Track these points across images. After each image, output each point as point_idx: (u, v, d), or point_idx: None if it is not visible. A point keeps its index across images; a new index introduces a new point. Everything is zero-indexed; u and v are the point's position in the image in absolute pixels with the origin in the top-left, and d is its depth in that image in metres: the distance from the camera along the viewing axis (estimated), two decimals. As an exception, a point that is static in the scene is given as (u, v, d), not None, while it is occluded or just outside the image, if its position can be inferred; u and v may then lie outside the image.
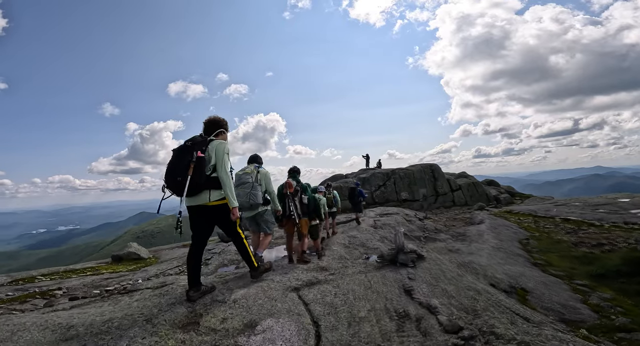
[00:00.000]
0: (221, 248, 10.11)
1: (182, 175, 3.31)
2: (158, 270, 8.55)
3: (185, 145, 3.50)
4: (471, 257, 7.00)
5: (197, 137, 3.63)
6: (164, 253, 12.81)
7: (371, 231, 10.07)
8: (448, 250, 7.92)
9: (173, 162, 3.47)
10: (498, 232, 10.43)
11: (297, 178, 5.64)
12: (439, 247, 8.28)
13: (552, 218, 14.66)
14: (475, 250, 7.69)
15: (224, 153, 3.58)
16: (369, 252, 8.15)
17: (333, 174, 28.77)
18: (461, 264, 5.00)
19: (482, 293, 3.94)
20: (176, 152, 3.55)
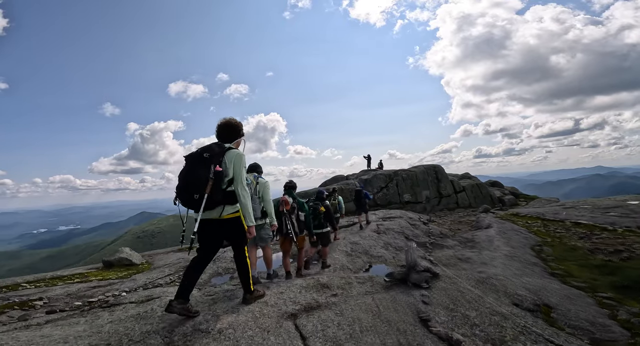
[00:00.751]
0: (217, 255, 9.58)
1: (199, 192, 3.04)
2: (148, 279, 8.02)
3: (202, 157, 3.17)
4: (484, 267, 6.45)
5: (214, 147, 3.29)
6: (158, 258, 12.28)
7: (374, 237, 9.54)
8: (458, 259, 7.37)
9: (188, 175, 3.15)
10: (508, 238, 9.88)
11: (293, 195, 5.51)
12: (447, 255, 7.73)
13: (562, 222, 14.11)
14: (488, 259, 7.14)
15: (242, 167, 3.33)
16: (372, 260, 7.61)
17: (334, 175, 28.22)
18: (479, 281, 4.45)
19: (508, 317, 3.41)
20: (190, 162, 3.23)
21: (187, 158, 3.29)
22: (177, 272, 8.58)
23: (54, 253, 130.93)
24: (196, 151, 3.30)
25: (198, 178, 3.05)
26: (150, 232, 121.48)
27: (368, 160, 29.84)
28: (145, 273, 9.18)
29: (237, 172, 3.27)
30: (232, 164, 3.26)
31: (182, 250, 14.10)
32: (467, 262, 7.07)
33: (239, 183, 3.27)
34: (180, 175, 3.22)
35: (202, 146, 3.36)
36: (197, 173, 3.07)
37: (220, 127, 3.51)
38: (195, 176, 3.07)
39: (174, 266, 9.47)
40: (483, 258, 7.21)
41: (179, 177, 3.23)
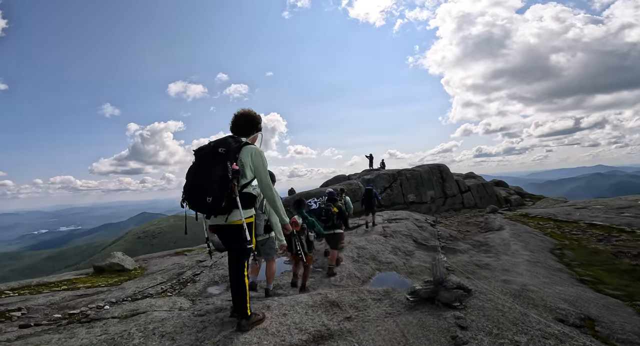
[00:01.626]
0: (214, 261, 8.97)
1: (213, 194, 2.56)
2: (138, 288, 7.41)
3: (217, 152, 2.69)
4: (508, 275, 5.85)
5: (230, 141, 2.83)
6: (152, 262, 11.67)
7: (381, 241, 8.92)
8: (476, 266, 6.76)
9: (199, 173, 2.67)
10: (524, 241, 9.27)
11: (304, 214, 5.40)
12: (462, 261, 7.12)
13: (576, 223, 13.51)
14: (510, 265, 6.53)
15: (265, 166, 2.90)
16: (381, 267, 7.00)
17: (334, 174, 27.62)
18: (515, 295, 3.83)
19: (563, 340, 2.80)
20: (202, 158, 2.75)
21: (197, 153, 2.81)
22: (170, 280, 7.97)
23: (54, 254, 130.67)
24: (208, 145, 2.83)
25: (211, 178, 2.58)
26: (150, 232, 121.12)
27: (370, 159, 29.20)
28: (137, 281, 8.57)
29: (260, 170, 2.85)
30: (250, 161, 2.83)
31: (179, 253, 13.51)
32: (487, 269, 6.47)
33: (266, 183, 2.86)
34: (189, 173, 2.74)
35: (214, 140, 2.90)
36: (211, 172, 2.60)
37: (236, 118, 3.06)
38: (208, 175, 2.60)
39: (167, 272, 8.86)
40: (504, 265, 6.61)
41: (187, 175, 2.76)
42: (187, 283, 7.53)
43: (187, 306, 5.62)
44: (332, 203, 6.63)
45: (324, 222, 6.34)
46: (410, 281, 6.19)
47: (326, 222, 6.36)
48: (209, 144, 2.83)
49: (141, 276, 9.46)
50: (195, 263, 9.35)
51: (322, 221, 6.34)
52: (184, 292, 6.89)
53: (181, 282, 7.63)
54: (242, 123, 3.05)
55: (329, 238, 6.51)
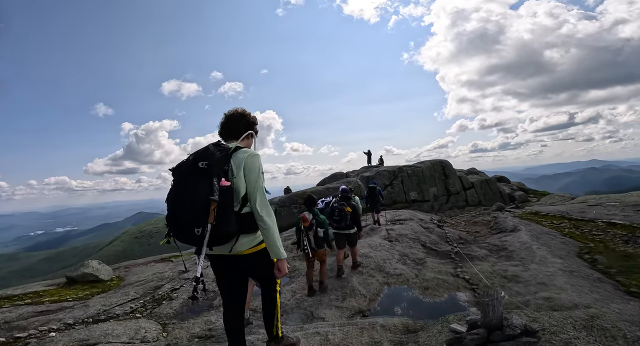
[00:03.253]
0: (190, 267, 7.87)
1: (201, 225, 2.00)
2: (104, 305, 6.35)
3: (197, 167, 2.10)
4: (547, 290, 4.84)
5: (211, 150, 2.20)
6: (134, 271, 10.58)
7: (386, 246, 7.87)
8: (502, 277, 5.73)
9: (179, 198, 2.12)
10: (546, 244, 8.24)
11: (314, 211, 5.37)
12: (485, 271, 6.08)
13: (594, 222, 12.51)
14: (544, 276, 5.51)
15: (260, 174, 2.27)
16: (390, 280, 5.94)
17: (331, 171, 26.58)
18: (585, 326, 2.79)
19: None
20: (181, 177, 2.17)
21: (174, 172, 2.22)
22: (143, 296, 6.90)
23: (51, 255, 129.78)
24: (187, 159, 2.22)
25: (196, 203, 2.01)
26: (148, 232, 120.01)
27: (368, 156, 28.18)
28: (107, 295, 7.49)
29: (252, 181, 2.22)
30: (241, 171, 2.21)
31: (165, 259, 12.43)
32: (518, 282, 5.44)
33: (258, 198, 2.21)
34: (169, 198, 2.16)
35: (195, 151, 2.27)
36: (194, 195, 2.03)
37: (226, 118, 2.50)
38: (191, 200, 2.03)
39: (145, 285, 7.78)
40: (536, 276, 5.58)
41: (167, 201, 2.16)
42: (163, 300, 6.46)
43: (153, 335, 4.56)
44: (345, 201, 6.31)
45: (336, 222, 6.11)
46: (428, 299, 5.16)
47: (339, 222, 6.10)
48: (187, 159, 2.22)
49: (115, 289, 8.39)
50: (177, 274, 8.27)
51: (335, 221, 6.12)
52: (157, 313, 5.83)
53: (156, 299, 6.56)
54: (232, 124, 2.47)
55: (340, 239, 6.25)
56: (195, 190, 2.02)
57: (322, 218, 5.36)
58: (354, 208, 6.30)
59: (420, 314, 4.37)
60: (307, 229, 5.21)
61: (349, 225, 6.14)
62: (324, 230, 5.27)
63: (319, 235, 5.23)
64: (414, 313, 4.48)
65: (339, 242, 6.25)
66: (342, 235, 6.24)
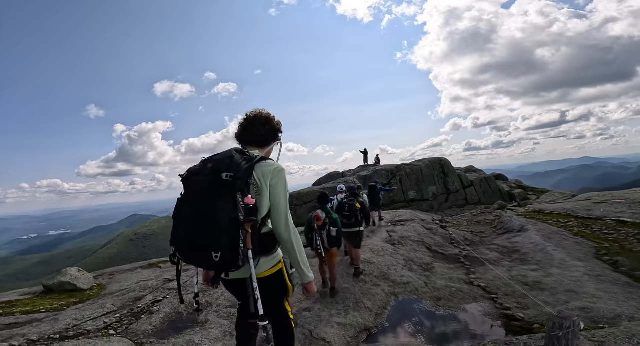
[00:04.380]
0: (183, 281, 7.18)
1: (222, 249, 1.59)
2: (75, 319, 5.66)
3: (220, 179, 1.65)
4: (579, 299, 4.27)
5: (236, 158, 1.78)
6: (117, 278, 9.84)
7: (389, 250, 7.24)
8: (523, 284, 5.12)
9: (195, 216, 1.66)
10: (561, 245, 7.68)
11: (327, 209, 5.22)
12: (501, 278, 5.47)
13: (602, 221, 12.01)
14: (570, 282, 4.94)
15: (286, 193, 1.91)
16: (397, 290, 5.31)
17: (327, 171, 25.92)
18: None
19: None
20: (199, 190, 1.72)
21: (188, 181, 1.81)
22: (122, 308, 6.19)
23: (45, 259, 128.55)
24: (204, 165, 1.81)
25: (216, 224, 1.61)
26: (142, 234, 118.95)
27: (365, 155, 27.57)
28: (83, 306, 6.78)
29: (278, 201, 1.89)
30: (268, 186, 1.85)
31: (153, 265, 11.71)
32: (542, 290, 4.84)
33: (284, 220, 1.89)
34: (180, 215, 1.77)
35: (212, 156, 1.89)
36: (215, 214, 1.63)
37: (249, 121, 2.10)
38: (210, 219, 1.63)
39: (125, 295, 7.07)
40: (562, 282, 4.99)
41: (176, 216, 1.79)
42: (142, 314, 5.77)
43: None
44: (354, 198, 6.24)
45: (346, 218, 5.97)
46: (442, 312, 4.53)
47: (349, 218, 5.97)
48: (204, 165, 1.82)
49: (94, 299, 7.66)
50: (162, 283, 7.56)
51: (345, 217, 5.97)
52: (133, 329, 5.14)
53: (134, 313, 5.86)
54: (255, 129, 2.07)
55: (351, 236, 6.09)
56: (217, 207, 1.65)
57: (335, 216, 5.23)
58: (363, 204, 6.22)
59: (438, 332, 3.74)
60: (320, 228, 5.05)
61: (359, 221, 6.05)
62: (337, 229, 5.12)
63: (331, 234, 5.10)
64: (429, 332, 3.85)
65: (352, 240, 6.14)
66: (352, 233, 6.09)
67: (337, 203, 6.43)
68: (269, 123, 2.11)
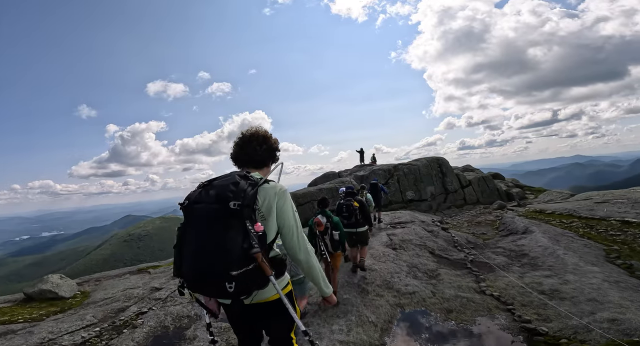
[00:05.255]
0: (171, 290, 6.68)
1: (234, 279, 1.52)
2: (51, 333, 5.19)
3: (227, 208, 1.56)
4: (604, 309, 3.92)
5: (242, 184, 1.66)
6: (103, 285, 9.32)
7: (391, 255, 6.82)
8: (539, 292, 4.71)
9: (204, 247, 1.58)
10: (570, 248, 7.31)
11: (328, 213, 5.14)
12: (515, 286, 5.06)
13: (606, 221, 11.69)
14: (591, 290, 4.55)
15: (295, 213, 1.85)
16: (402, 300, 4.87)
17: (322, 171, 25.50)
18: None
19: None
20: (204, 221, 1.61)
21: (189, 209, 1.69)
22: (103, 320, 5.70)
23: (38, 260, 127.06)
24: (206, 191, 1.67)
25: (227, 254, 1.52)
26: (137, 235, 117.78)
27: (361, 154, 27.15)
28: (63, 317, 6.28)
29: (289, 222, 1.79)
30: (274, 209, 1.76)
31: (142, 270, 11.18)
32: (562, 299, 4.43)
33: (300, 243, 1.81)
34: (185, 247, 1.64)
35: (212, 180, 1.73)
36: (225, 244, 1.53)
37: (245, 141, 1.96)
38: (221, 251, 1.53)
39: (108, 306, 6.56)
40: (581, 290, 4.59)
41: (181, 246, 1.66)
42: (125, 327, 5.28)
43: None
44: (351, 197, 6.14)
45: (345, 218, 5.88)
46: (455, 326, 4.10)
47: (348, 219, 5.89)
48: (206, 190, 1.68)
49: (75, 309, 7.15)
50: (149, 291, 7.06)
51: (344, 218, 5.87)
52: (114, 345, 4.67)
53: (116, 326, 5.37)
54: (252, 149, 1.96)
55: (352, 238, 5.96)
56: (228, 238, 1.56)
57: (336, 219, 5.13)
58: (362, 203, 6.11)
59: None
60: (322, 233, 4.99)
61: (359, 221, 5.96)
62: (340, 233, 5.04)
63: (334, 237, 5.03)
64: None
65: (350, 240, 5.97)
66: (352, 234, 5.99)
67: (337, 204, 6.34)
68: (266, 142, 2.00)
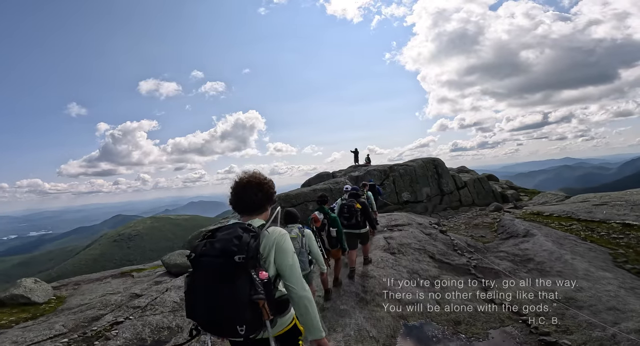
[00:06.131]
0: (152, 297, 6.15)
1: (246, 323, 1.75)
2: (15, 343, 4.66)
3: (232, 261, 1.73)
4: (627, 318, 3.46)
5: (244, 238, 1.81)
6: (82, 289, 8.76)
7: (390, 261, 6.38)
8: (553, 301, 4.28)
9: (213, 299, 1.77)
10: (575, 252, 6.97)
11: (325, 210, 5.22)
12: (526, 294, 4.65)
13: (607, 223, 11.43)
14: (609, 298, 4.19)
15: (294, 255, 2.00)
16: (405, 312, 4.42)
17: (315, 171, 25.10)
18: None
19: None
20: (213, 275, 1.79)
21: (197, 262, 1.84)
22: (74, 330, 5.16)
23: (26, 260, 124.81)
24: (211, 245, 1.84)
25: (237, 303, 1.73)
26: (127, 235, 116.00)
27: (355, 154, 26.78)
28: (32, 324, 5.74)
29: (286, 266, 1.94)
30: (272, 255, 1.92)
31: (125, 273, 10.61)
32: (580, 307, 4.05)
33: (298, 283, 1.93)
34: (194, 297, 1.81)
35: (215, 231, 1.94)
36: (233, 296, 1.73)
37: (241, 188, 2.04)
38: (229, 302, 1.73)
39: (82, 313, 6.01)
40: (598, 297, 4.22)
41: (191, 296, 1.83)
42: (97, 338, 4.76)
43: None
44: (355, 199, 6.09)
45: (346, 219, 5.86)
46: (466, 341, 3.67)
47: (349, 219, 5.88)
48: (210, 243, 1.84)
49: (47, 315, 6.59)
50: (128, 298, 6.51)
51: (345, 218, 5.86)
52: (82, 363, 4.16)
53: (87, 337, 4.84)
54: (247, 197, 2.02)
55: (351, 239, 5.86)
56: (236, 288, 1.73)
57: (334, 216, 5.19)
58: (364, 205, 6.04)
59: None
60: (319, 230, 5.00)
61: (360, 222, 5.93)
62: (337, 229, 5.06)
63: (331, 234, 5.07)
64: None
65: (350, 241, 5.84)
66: (353, 235, 5.97)
67: (339, 204, 6.23)
68: (261, 190, 2.05)
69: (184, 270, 8.57)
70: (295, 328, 2.08)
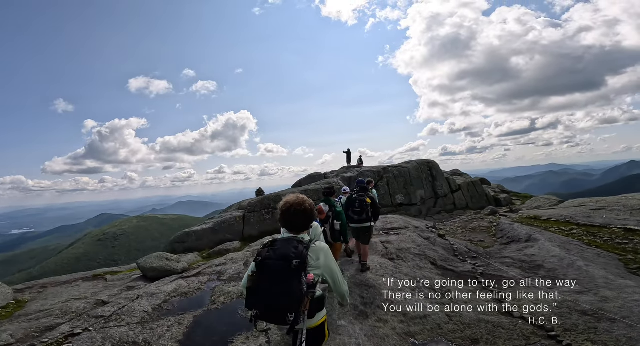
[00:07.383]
0: (119, 305, 5.38)
1: (295, 312, 2.22)
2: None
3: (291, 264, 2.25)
4: None
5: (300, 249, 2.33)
6: (47, 293, 7.91)
7: (389, 268, 5.76)
8: (580, 313, 3.72)
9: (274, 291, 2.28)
10: (585, 259, 6.48)
11: (332, 202, 5.22)
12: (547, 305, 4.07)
13: (608, 228, 11.05)
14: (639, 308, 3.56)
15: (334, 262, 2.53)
16: (413, 328, 3.80)
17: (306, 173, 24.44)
18: None
19: None
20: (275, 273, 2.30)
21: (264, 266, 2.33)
22: (23, 341, 4.37)
23: (7, 258, 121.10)
24: (275, 252, 2.35)
25: (292, 296, 2.23)
26: (112, 234, 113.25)
27: (348, 155, 26.27)
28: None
29: (334, 273, 2.49)
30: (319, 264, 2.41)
31: (98, 276, 9.77)
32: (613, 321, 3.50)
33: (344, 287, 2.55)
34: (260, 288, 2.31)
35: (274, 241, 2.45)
36: (290, 290, 2.24)
37: (290, 213, 2.51)
38: (287, 294, 2.24)
39: (38, 321, 5.21)
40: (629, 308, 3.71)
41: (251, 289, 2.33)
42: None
43: None
44: (364, 192, 6.00)
45: (357, 214, 5.73)
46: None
47: (360, 214, 5.74)
48: (274, 252, 2.35)
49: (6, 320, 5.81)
50: (92, 306, 5.72)
51: (356, 213, 5.74)
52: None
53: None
54: (298, 221, 2.52)
55: (360, 232, 5.84)
56: (291, 285, 2.22)
57: (340, 210, 5.12)
58: (373, 199, 5.96)
59: None
60: (323, 222, 4.91)
61: (369, 216, 5.76)
62: (341, 223, 5.01)
63: (335, 227, 5.00)
64: None
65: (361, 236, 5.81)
66: (362, 229, 5.82)
67: (346, 198, 6.14)
68: (306, 215, 2.51)
69: (162, 274, 7.83)
70: (323, 328, 2.53)
